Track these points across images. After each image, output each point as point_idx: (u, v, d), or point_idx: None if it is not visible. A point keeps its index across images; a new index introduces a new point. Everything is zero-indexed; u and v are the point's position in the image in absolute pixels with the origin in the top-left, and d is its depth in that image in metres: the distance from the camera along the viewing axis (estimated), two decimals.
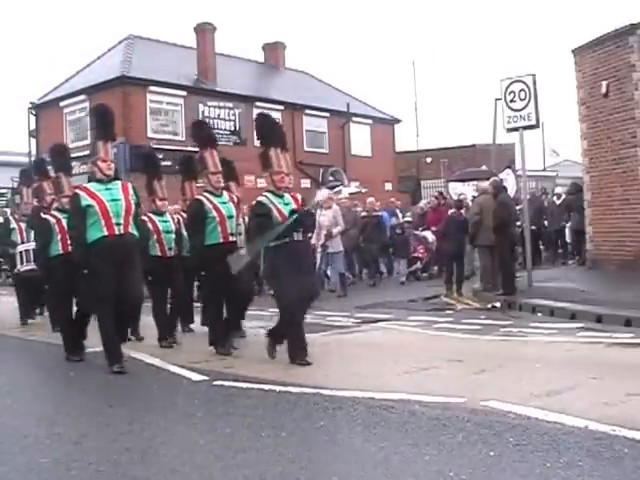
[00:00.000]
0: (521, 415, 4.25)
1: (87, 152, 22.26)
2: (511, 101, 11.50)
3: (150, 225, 7.79)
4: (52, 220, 7.46)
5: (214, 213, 6.96)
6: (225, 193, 7.31)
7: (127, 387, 5.91)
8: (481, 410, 4.43)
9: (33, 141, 25.19)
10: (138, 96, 21.94)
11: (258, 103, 24.32)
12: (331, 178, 24.98)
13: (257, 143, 6.91)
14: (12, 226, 10.80)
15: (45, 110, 24.67)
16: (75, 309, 7.27)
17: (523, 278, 11.38)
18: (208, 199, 7.07)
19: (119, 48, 25.15)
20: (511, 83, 11.56)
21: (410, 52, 62.19)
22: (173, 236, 8.10)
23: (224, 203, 7.11)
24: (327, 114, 27.24)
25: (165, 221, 8.08)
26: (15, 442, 4.24)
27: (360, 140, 28.01)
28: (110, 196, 6.27)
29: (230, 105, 24.09)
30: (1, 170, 25.88)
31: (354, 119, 27.67)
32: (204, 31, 24.73)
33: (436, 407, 4.55)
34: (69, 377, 6.47)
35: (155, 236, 7.89)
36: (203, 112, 23.18)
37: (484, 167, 20.74)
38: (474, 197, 13.33)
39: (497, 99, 16.87)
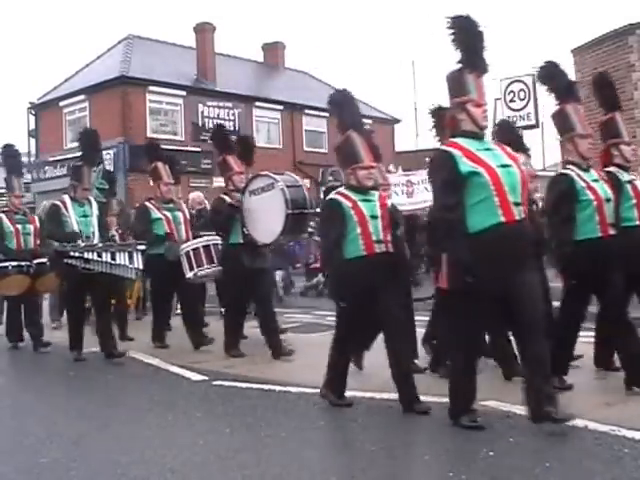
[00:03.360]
0: (521, 415, 4.24)
1: None
2: (511, 101, 11.55)
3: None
4: (346, 203, 4.76)
5: (589, 195, 4.86)
6: (592, 169, 5.14)
7: (127, 387, 5.91)
8: (481, 410, 4.42)
9: (33, 141, 25.20)
10: (138, 96, 21.93)
11: (258, 103, 24.37)
12: (330, 178, 24.94)
13: (257, 143, 6.69)
14: (155, 216, 7.62)
15: (45, 110, 24.66)
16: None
17: None
18: (579, 175, 4.92)
19: (119, 48, 25.13)
20: (511, 83, 11.61)
21: (410, 52, 62.15)
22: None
23: (596, 181, 4.96)
24: (327, 114, 27.15)
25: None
26: (15, 442, 4.24)
27: None
28: (497, 160, 4.09)
29: (230, 105, 24.07)
30: (1, 170, 25.89)
31: None
32: (204, 31, 24.74)
33: (436, 407, 4.54)
34: (69, 377, 6.47)
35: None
36: (202, 112, 23.19)
37: None
38: None
39: (497, 99, 16.87)
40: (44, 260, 7.77)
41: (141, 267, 6.92)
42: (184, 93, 23.17)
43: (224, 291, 8.14)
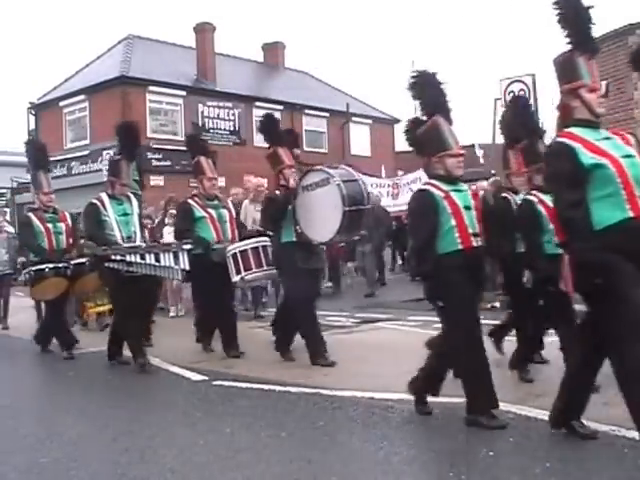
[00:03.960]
0: (521, 415, 4.25)
1: (87, 152, 22.24)
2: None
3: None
4: (438, 194, 4.31)
5: None
6: None
7: (127, 387, 5.91)
8: None
9: None
10: (137, 96, 21.92)
11: (258, 103, 24.33)
12: None
13: (257, 143, 6.57)
14: (198, 215, 6.92)
15: (45, 110, 24.65)
16: None
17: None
18: None
19: (118, 48, 25.12)
20: (511, 83, 11.62)
21: (410, 52, 62.15)
22: None
23: None
24: (327, 114, 27.22)
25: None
26: (15, 442, 4.24)
27: (360, 140, 28.01)
28: (619, 150, 3.73)
29: (229, 105, 24.07)
30: (1, 170, 25.86)
31: (354, 119, 27.66)
32: (204, 31, 24.73)
33: (436, 407, 4.54)
34: (69, 377, 6.47)
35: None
36: (202, 112, 23.18)
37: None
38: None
39: (497, 99, 16.88)
40: (82, 260, 7.25)
41: (187, 268, 6.32)
42: (184, 93, 23.17)
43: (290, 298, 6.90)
